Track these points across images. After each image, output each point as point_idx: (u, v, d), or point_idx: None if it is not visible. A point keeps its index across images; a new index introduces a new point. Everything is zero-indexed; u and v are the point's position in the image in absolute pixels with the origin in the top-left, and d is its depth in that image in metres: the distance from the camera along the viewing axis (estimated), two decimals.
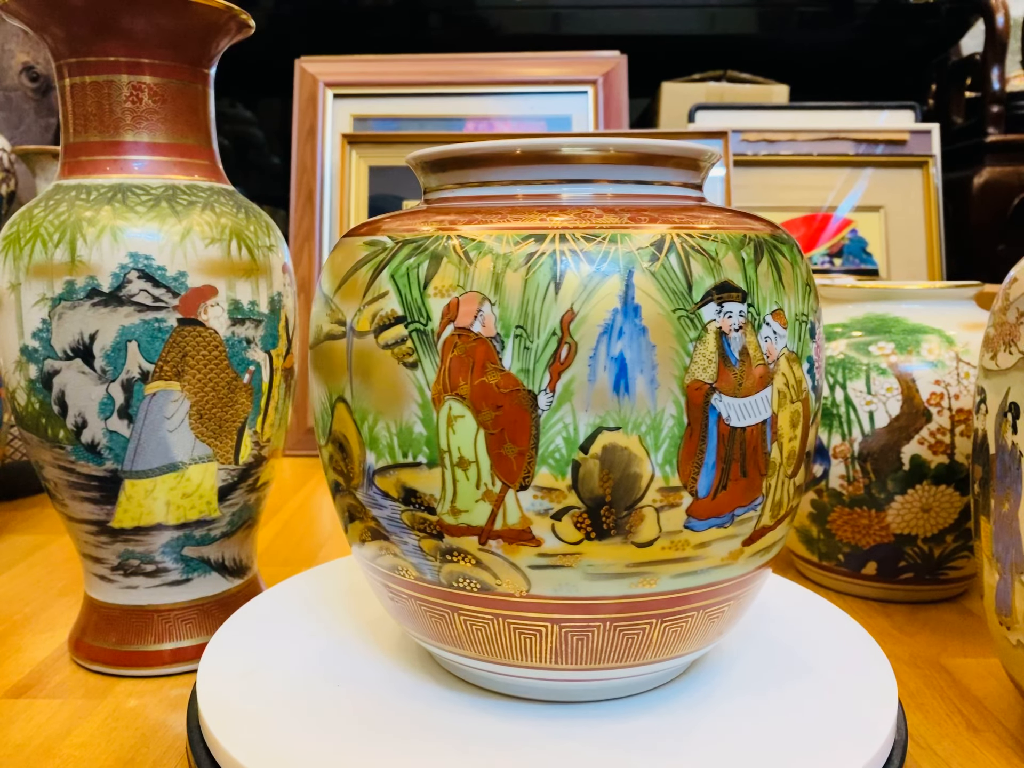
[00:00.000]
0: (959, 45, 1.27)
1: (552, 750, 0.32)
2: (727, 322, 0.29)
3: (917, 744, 0.38)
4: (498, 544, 0.30)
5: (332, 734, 0.32)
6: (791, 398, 0.32)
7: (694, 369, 0.29)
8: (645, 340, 0.28)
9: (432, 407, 0.30)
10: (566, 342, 0.28)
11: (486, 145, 0.32)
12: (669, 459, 0.29)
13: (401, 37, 1.20)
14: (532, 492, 0.29)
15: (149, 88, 0.41)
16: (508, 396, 0.29)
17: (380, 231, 0.32)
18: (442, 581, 0.32)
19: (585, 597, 0.31)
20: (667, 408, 0.29)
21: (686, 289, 0.29)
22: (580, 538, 0.30)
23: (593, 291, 0.28)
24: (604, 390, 0.28)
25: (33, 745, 0.37)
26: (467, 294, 0.29)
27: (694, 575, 0.31)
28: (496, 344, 0.29)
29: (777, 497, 0.32)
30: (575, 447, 0.29)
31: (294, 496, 0.78)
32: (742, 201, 1.03)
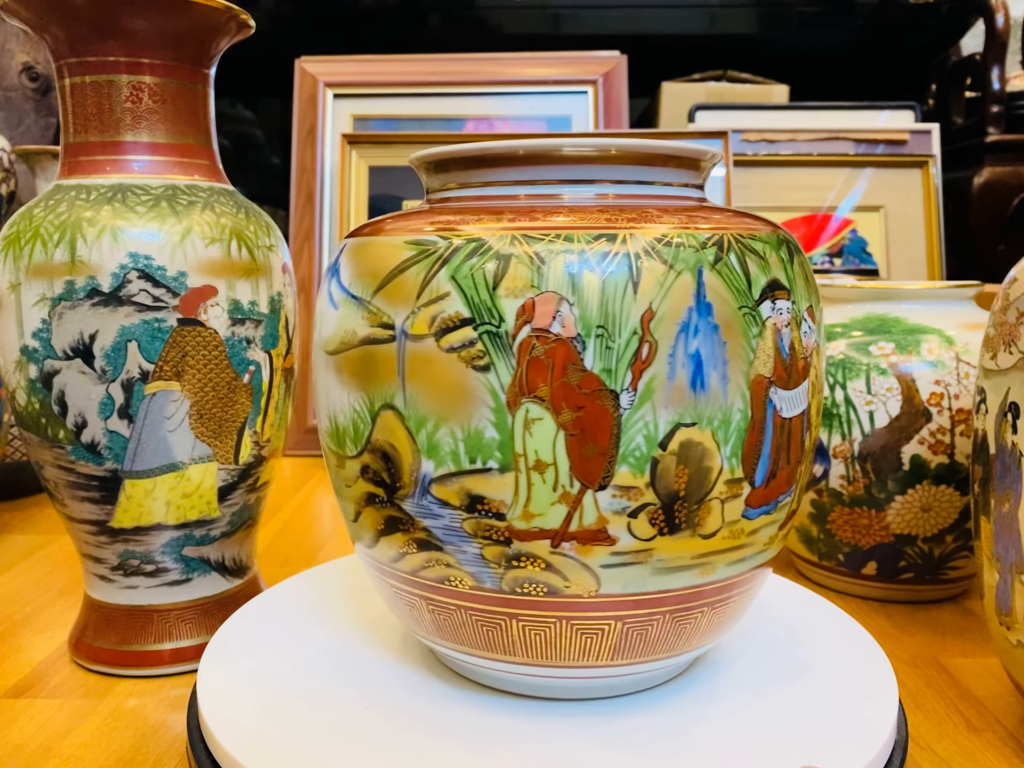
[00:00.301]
0: (959, 45, 1.27)
1: (554, 747, 0.32)
2: (780, 318, 0.31)
3: (917, 744, 0.38)
4: (571, 546, 0.30)
5: (332, 734, 0.32)
6: (818, 389, 0.34)
7: (757, 364, 0.30)
8: (717, 337, 0.29)
9: (507, 411, 0.29)
10: (647, 341, 0.29)
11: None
12: (736, 452, 0.30)
13: (401, 37, 1.20)
14: (611, 492, 0.30)
15: (149, 88, 0.41)
16: (590, 396, 0.29)
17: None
18: (503, 588, 0.31)
19: (651, 592, 0.31)
20: (735, 403, 0.30)
21: (747, 287, 0.30)
22: (653, 534, 0.30)
23: (669, 290, 0.29)
24: (682, 387, 0.29)
25: (33, 745, 0.37)
26: (543, 294, 0.29)
27: (743, 562, 0.33)
28: (577, 344, 0.29)
29: (802, 482, 0.34)
30: (655, 444, 0.29)
31: (294, 496, 0.78)
32: (742, 201, 1.03)
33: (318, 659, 0.38)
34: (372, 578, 0.36)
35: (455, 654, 0.35)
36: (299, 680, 0.36)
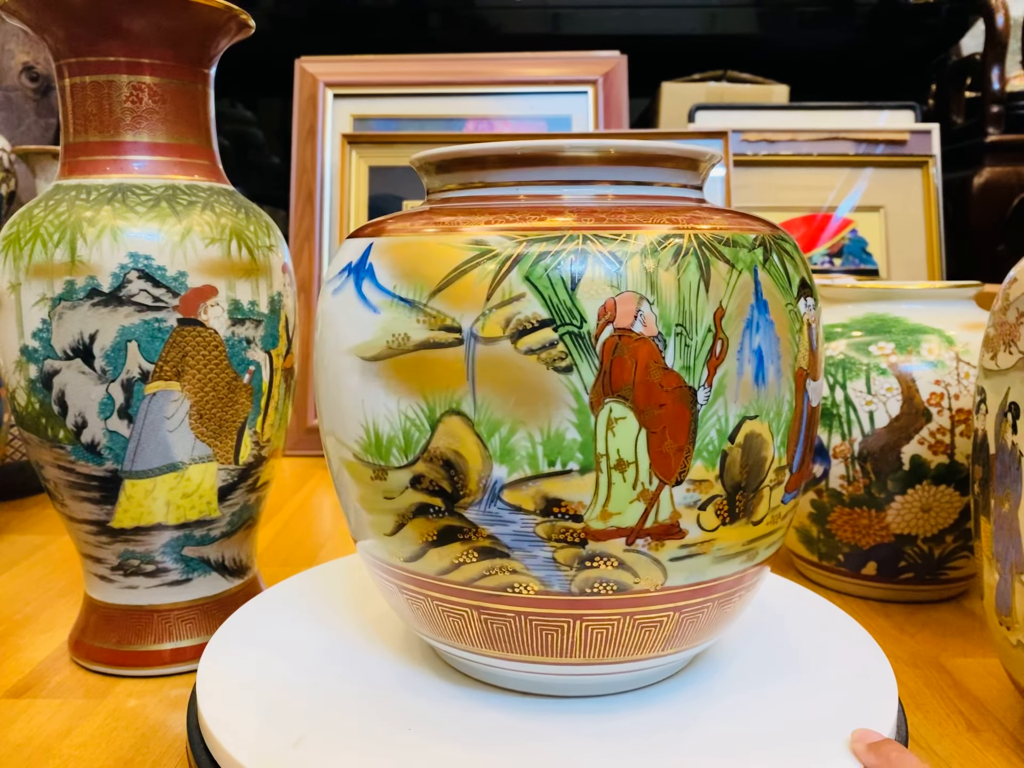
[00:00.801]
0: (959, 45, 1.27)
1: (556, 744, 0.32)
2: (811, 315, 0.33)
3: (917, 744, 0.38)
4: (645, 542, 0.31)
5: (332, 733, 0.32)
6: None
7: (799, 358, 0.32)
8: (773, 333, 0.31)
9: (590, 411, 0.29)
10: (720, 338, 0.29)
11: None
12: (784, 441, 0.32)
13: (401, 37, 1.20)
14: (685, 486, 0.30)
15: (149, 88, 0.41)
16: (671, 394, 0.29)
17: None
18: (572, 590, 0.31)
19: (708, 580, 0.32)
20: (785, 395, 0.31)
21: (788, 285, 0.31)
22: (717, 524, 0.31)
23: (735, 289, 0.30)
24: (748, 382, 0.30)
25: (33, 745, 0.37)
26: (624, 294, 0.29)
27: (774, 545, 0.34)
28: (659, 343, 0.29)
29: (809, 468, 0.37)
30: (725, 437, 0.30)
31: (294, 496, 0.78)
32: (742, 201, 1.03)
33: (318, 659, 0.38)
34: (390, 590, 0.35)
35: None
36: (299, 680, 0.36)
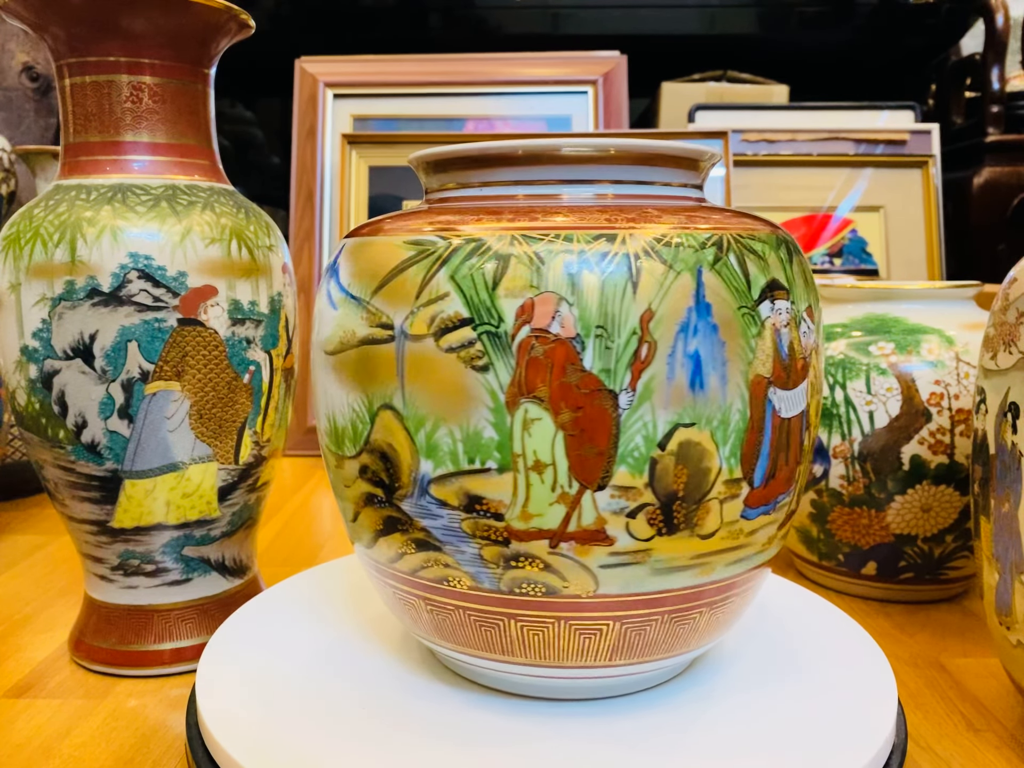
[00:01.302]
0: (959, 45, 1.27)
1: (554, 747, 0.32)
2: (779, 318, 0.31)
3: (917, 744, 0.38)
4: (570, 546, 0.30)
5: (331, 733, 0.32)
6: (817, 389, 0.34)
7: (756, 364, 0.30)
8: (716, 337, 0.29)
9: (506, 411, 0.29)
10: (646, 341, 0.29)
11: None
12: (735, 452, 0.30)
13: (401, 37, 1.20)
14: (609, 492, 0.30)
15: (149, 88, 0.41)
16: (589, 396, 0.29)
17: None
18: (502, 588, 0.31)
19: (650, 592, 0.31)
20: (735, 403, 0.30)
21: (746, 287, 0.30)
22: (652, 534, 0.30)
23: (669, 290, 0.29)
24: (682, 387, 0.29)
25: (33, 745, 0.37)
26: (543, 295, 0.29)
27: (741, 562, 0.33)
28: (576, 345, 0.29)
29: (801, 483, 0.34)
30: (654, 444, 0.29)
31: (294, 496, 0.78)
32: (742, 201, 1.03)
33: (318, 659, 0.38)
34: (371, 578, 0.36)
35: (454, 654, 0.35)
36: (299, 680, 0.36)
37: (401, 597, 0.35)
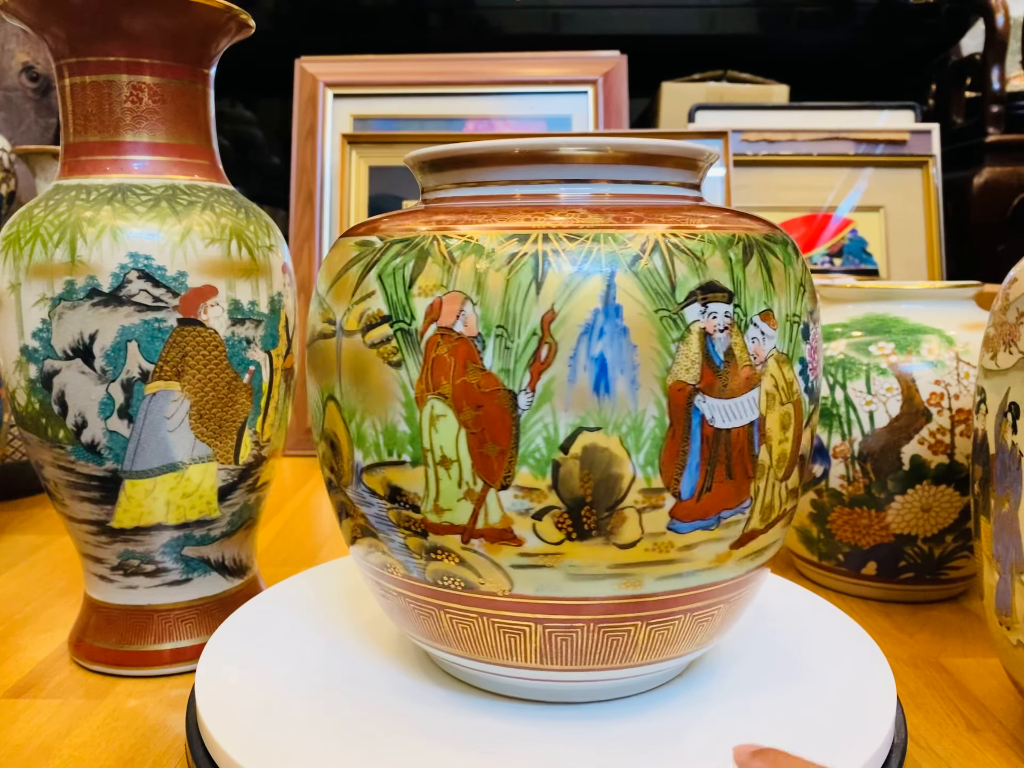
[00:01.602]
0: (959, 45, 1.27)
1: (548, 751, 0.32)
2: (711, 323, 0.29)
3: (917, 744, 0.38)
4: (480, 543, 0.30)
5: (330, 734, 0.32)
6: (781, 400, 0.31)
7: (676, 370, 0.29)
8: (626, 340, 0.28)
9: (415, 406, 0.30)
10: (546, 342, 0.28)
11: (483, 145, 0.32)
12: (651, 460, 0.29)
13: (401, 37, 1.20)
14: (513, 492, 0.29)
15: (149, 88, 0.41)
16: (489, 396, 0.29)
17: (377, 231, 0.32)
18: (428, 579, 0.32)
19: (568, 598, 0.31)
20: (648, 409, 0.29)
21: (669, 289, 0.29)
22: (561, 538, 0.30)
23: (574, 291, 0.28)
24: (584, 390, 0.28)
25: (33, 745, 0.37)
26: (450, 294, 0.29)
27: (680, 577, 0.31)
28: (477, 344, 0.29)
29: (767, 500, 0.32)
30: (555, 447, 0.29)
31: (294, 496, 0.78)
32: (742, 201, 1.03)
33: (317, 659, 0.38)
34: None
35: (425, 646, 0.35)
36: (298, 681, 0.36)
37: (365, 577, 0.36)
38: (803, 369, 0.32)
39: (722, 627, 0.34)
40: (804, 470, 0.34)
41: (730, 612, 0.34)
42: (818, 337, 0.34)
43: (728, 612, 0.34)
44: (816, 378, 0.34)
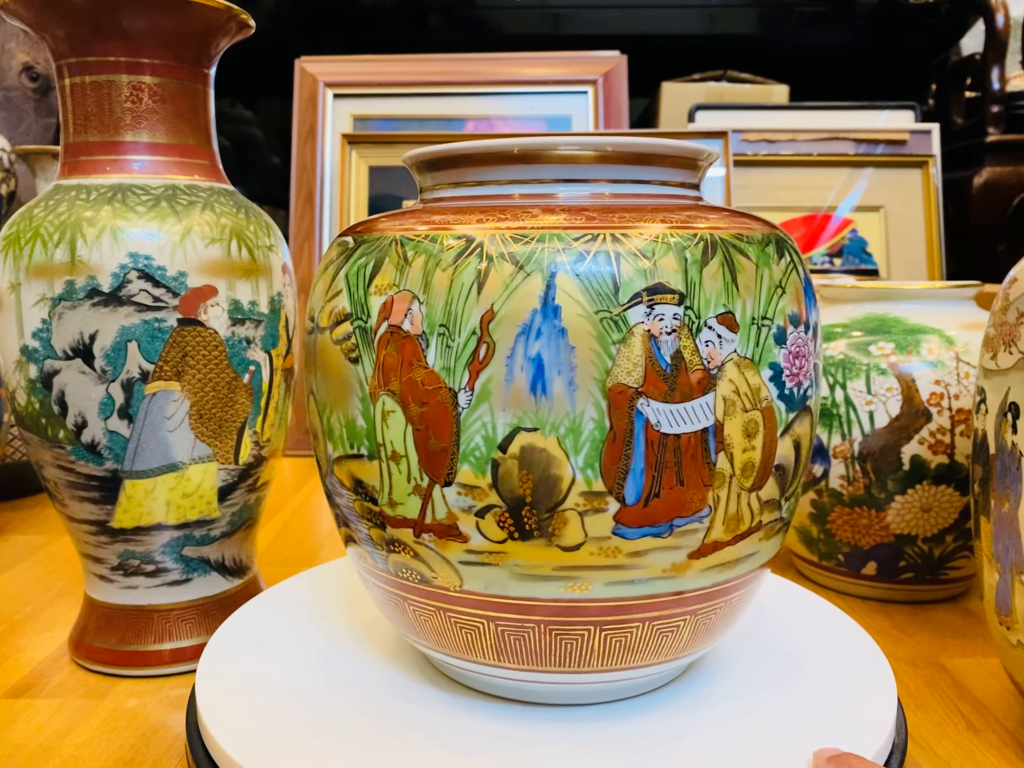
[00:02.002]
0: (959, 45, 1.27)
1: (544, 753, 0.32)
2: (657, 325, 0.28)
3: (917, 744, 0.38)
4: (431, 538, 0.31)
5: (329, 735, 0.32)
6: (743, 406, 0.30)
7: (617, 372, 0.28)
8: (564, 342, 0.28)
9: (370, 401, 0.31)
10: (485, 341, 0.28)
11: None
12: (591, 463, 0.29)
13: (401, 37, 1.20)
14: (456, 488, 0.30)
15: (149, 88, 0.41)
16: (431, 393, 0.29)
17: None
18: (391, 570, 0.33)
19: (516, 597, 0.31)
20: (587, 411, 0.28)
21: (612, 291, 0.28)
22: (504, 537, 0.30)
23: (514, 292, 0.28)
24: (521, 390, 0.28)
25: (33, 745, 0.37)
26: (400, 292, 0.30)
27: (631, 584, 0.31)
28: (422, 342, 0.29)
29: (732, 511, 0.31)
30: (494, 446, 0.29)
31: (294, 496, 0.78)
32: (742, 201, 1.03)
33: (317, 660, 0.38)
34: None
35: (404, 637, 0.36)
36: (297, 681, 0.36)
37: (354, 565, 0.37)
38: (776, 375, 0.31)
39: (699, 638, 0.33)
40: (790, 479, 0.33)
41: (707, 623, 0.33)
42: (804, 342, 0.32)
43: (703, 623, 0.33)
44: (800, 384, 0.32)
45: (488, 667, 0.33)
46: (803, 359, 0.32)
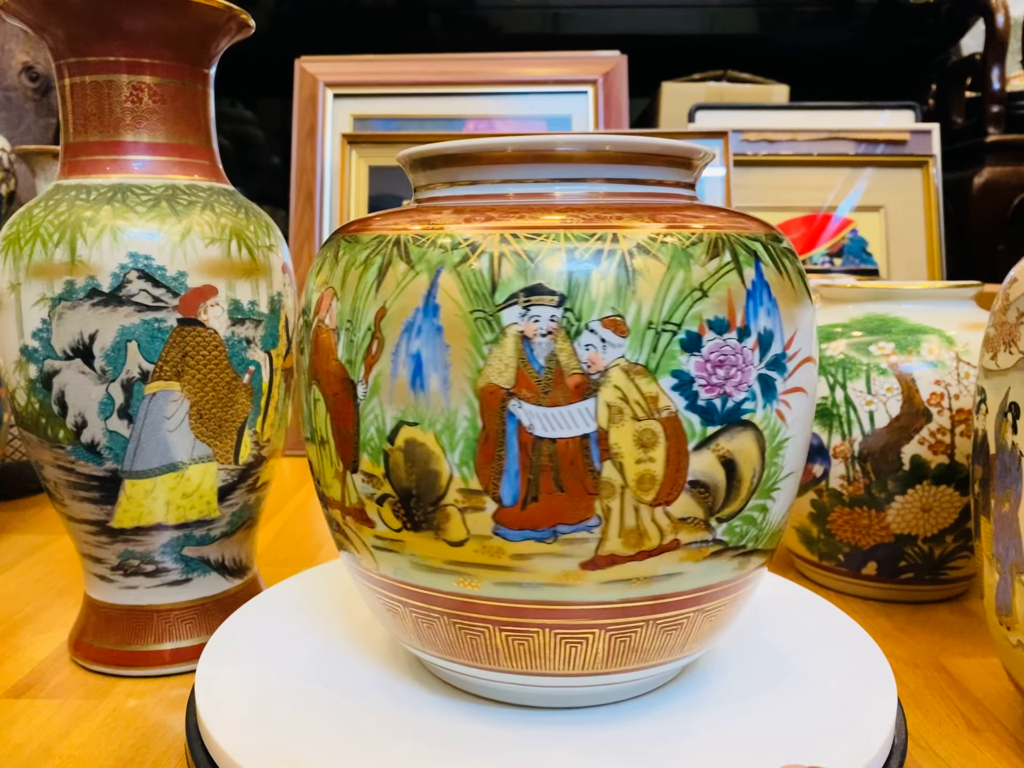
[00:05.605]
0: (959, 45, 1.27)
1: (538, 756, 0.31)
2: (532, 326, 0.28)
3: (917, 744, 0.38)
4: (351, 520, 0.33)
5: (329, 735, 0.32)
6: (634, 415, 0.28)
7: (488, 372, 0.28)
8: (440, 340, 0.29)
9: (307, 390, 0.34)
10: (376, 337, 0.30)
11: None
12: (466, 461, 0.29)
13: (401, 37, 1.20)
14: (360, 476, 0.31)
15: (149, 88, 0.41)
16: (339, 384, 0.31)
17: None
18: (343, 548, 0.35)
19: (419, 586, 0.32)
20: (460, 409, 0.29)
21: (489, 291, 0.28)
22: (400, 526, 0.31)
23: (403, 290, 0.29)
24: (403, 386, 0.29)
25: (33, 745, 0.37)
26: (327, 289, 0.32)
27: (520, 587, 0.30)
28: (335, 336, 0.31)
29: (630, 524, 0.29)
30: (384, 438, 0.30)
31: (294, 496, 0.78)
32: (742, 201, 1.03)
33: (317, 660, 0.38)
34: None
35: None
36: (297, 681, 0.36)
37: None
38: (684, 384, 0.29)
39: (619, 656, 0.32)
40: (722, 499, 0.30)
41: (624, 641, 0.32)
42: (734, 351, 0.29)
43: (619, 640, 0.32)
44: (727, 396, 0.29)
45: (432, 657, 0.34)
46: (731, 369, 0.29)
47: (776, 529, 0.33)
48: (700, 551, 0.31)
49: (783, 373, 0.31)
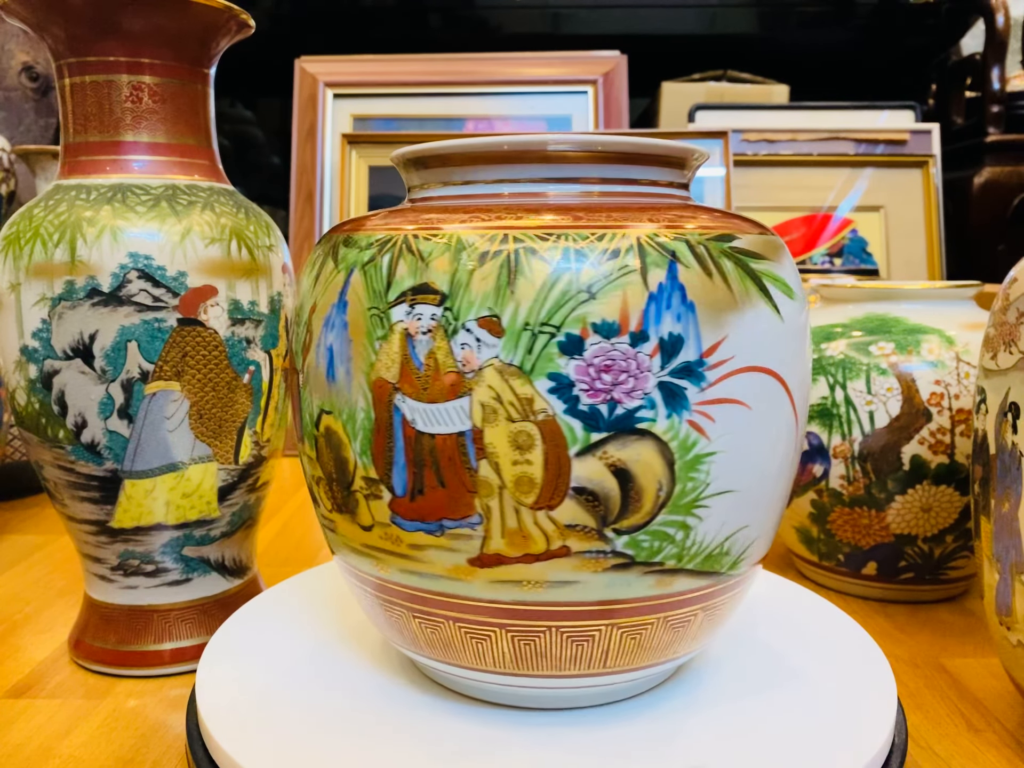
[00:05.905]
0: (959, 45, 1.27)
1: (530, 756, 0.31)
2: (415, 324, 0.29)
3: (917, 744, 0.38)
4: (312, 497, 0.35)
5: (330, 735, 0.32)
6: (509, 416, 0.28)
7: (379, 367, 0.30)
8: (345, 335, 0.31)
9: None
10: (309, 331, 0.32)
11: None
12: (365, 450, 0.31)
13: (401, 37, 1.20)
14: (304, 458, 0.34)
15: (149, 88, 0.41)
16: (291, 372, 0.35)
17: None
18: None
19: (352, 566, 0.34)
20: (359, 401, 0.31)
21: (384, 289, 0.30)
22: (331, 507, 0.33)
23: (327, 287, 0.32)
24: (321, 376, 0.32)
25: (33, 745, 0.37)
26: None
27: (420, 576, 0.31)
28: (294, 328, 0.34)
29: (512, 525, 0.29)
30: (313, 424, 0.32)
31: (294, 496, 0.78)
32: (742, 201, 1.03)
33: (317, 660, 0.38)
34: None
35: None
36: (299, 681, 0.36)
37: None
38: (563, 387, 0.28)
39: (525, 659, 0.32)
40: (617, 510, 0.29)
41: (528, 644, 0.31)
42: (625, 356, 0.28)
43: (521, 642, 0.31)
44: (616, 403, 0.28)
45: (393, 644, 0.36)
46: (620, 374, 0.28)
47: (715, 551, 0.31)
48: (598, 562, 0.30)
49: (699, 382, 0.29)
